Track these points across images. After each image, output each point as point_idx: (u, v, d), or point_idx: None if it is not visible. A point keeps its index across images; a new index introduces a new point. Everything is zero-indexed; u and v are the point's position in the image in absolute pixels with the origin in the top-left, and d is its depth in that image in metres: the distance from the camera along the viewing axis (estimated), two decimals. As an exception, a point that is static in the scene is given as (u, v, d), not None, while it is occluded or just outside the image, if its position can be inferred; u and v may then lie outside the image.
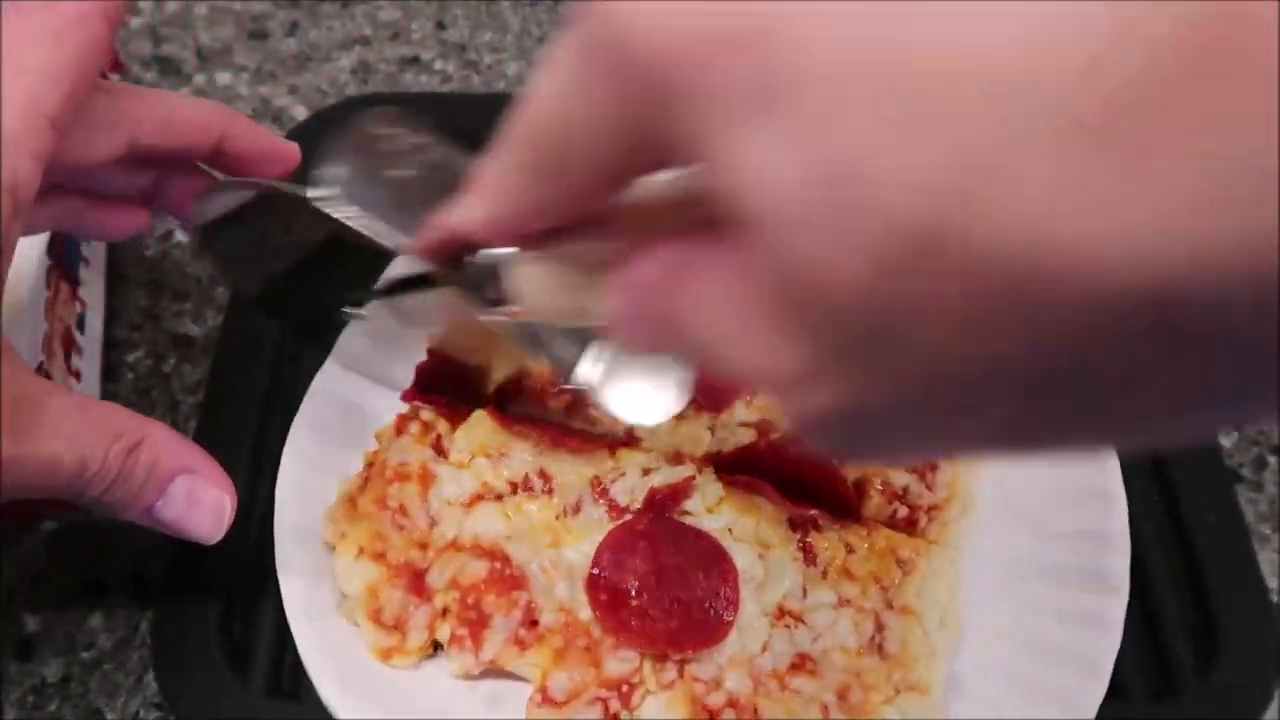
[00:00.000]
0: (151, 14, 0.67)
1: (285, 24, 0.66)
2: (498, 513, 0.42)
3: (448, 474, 0.43)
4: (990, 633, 0.41)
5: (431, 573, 0.41)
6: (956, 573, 0.42)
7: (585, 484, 0.43)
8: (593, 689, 0.39)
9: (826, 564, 0.42)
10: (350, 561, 0.41)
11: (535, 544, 0.41)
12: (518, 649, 0.39)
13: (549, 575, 0.41)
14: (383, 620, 0.40)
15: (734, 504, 0.42)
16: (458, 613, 0.40)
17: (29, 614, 0.46)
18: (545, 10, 0.67)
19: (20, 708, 0.43)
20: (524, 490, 0.42)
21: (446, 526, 0.42)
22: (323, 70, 0.64)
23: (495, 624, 0.39)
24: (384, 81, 0.63)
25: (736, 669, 0.39)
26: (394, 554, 0.41)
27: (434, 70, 0.64)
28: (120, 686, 0.44)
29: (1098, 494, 0.43)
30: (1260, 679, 0.40)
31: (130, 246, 0.57)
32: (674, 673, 0.39)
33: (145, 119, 0.36)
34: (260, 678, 0.41)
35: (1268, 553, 0.46)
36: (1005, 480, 0.44)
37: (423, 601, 0.40)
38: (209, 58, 0.64)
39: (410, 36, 0.66)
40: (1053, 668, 0.39)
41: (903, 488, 0.43)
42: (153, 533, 0.36)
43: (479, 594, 0.40)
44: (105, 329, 0.53)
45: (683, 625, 0.39)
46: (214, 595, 0.42)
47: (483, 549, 0.41)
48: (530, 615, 0.40)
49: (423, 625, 0.40)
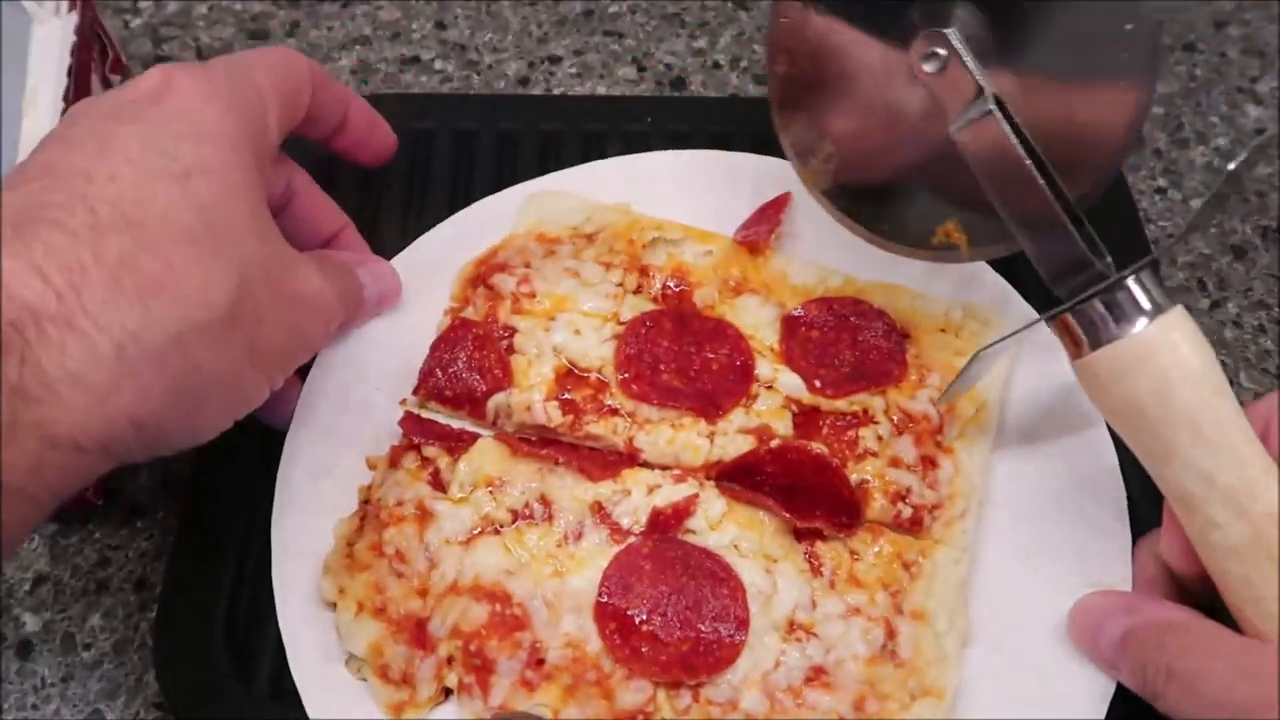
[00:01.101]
0: (152, 14, 0.66)
1: (285, 24, 0.66)
2: (498, 546, 0.41)
3: (446, 511, 0.42)
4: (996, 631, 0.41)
5: (433, 621, 0.40)
6: (962, 572, 0.42)
7: (586, 509, 0.42)
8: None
9: (833, 573, 0.41)
10: (351, 621, 0.40)
11: (537, 575, 0.41)
12: (526, 690, 0.39)
13: (554, 609, 0.40)
14: (390, 676, 0.39)
15: (737, 519, 0.42)
16: (462, 661, 0.39)
17: (29, 614, 0.46)
18: (545, 10, 0.67)
19: (20, 708, 0.43)
20: (524, 519, 0.42)
21: (446, 567, 0.41)
22: (323, 70, 0.64)
23: (500, 668, 0.39)
24: (384, 81, 0.63)
25: (751, 689, 0.39)
26: (394, 607, 0.40)
27: (434, 70, 0.64)
28: (120, 686, 0.44)
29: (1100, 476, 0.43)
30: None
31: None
32: (689, 698, 0.39)
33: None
34: (261, 678, 0.41)
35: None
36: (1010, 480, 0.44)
37: (427, 653, 0.39)
38: (209, 58, 0.64)
39: (410, 36, 0.66)
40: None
41: (905, 488, 0.43)
42: (153, 533, 0.37)
43: (481, 640, 0.39)
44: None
45: (695, 649, 0.39)
46: (215, 595, 0.42)
47: (483, 590, 0.40)
48: (536, 655, 0.39)
49: (430, 677, 0.39)
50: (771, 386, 0.45)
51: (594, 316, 0.47)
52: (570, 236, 0.50)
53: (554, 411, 0.44)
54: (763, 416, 0.45)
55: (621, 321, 0.47)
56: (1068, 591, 0.40)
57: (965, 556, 0.42)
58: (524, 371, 0.46)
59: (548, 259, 0.49)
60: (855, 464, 0.44)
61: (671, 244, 0.50)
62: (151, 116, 0.35)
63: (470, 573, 0.41)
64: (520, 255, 0.49)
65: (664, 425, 0.44)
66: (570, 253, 0.49)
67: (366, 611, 0.40)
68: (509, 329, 0.47)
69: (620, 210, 0.50)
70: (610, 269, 0.49)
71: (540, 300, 0.48)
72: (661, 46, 0.65)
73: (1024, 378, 0.46)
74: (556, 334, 0.46)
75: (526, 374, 0.45)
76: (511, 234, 0.50)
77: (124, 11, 0.66)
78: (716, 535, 0.42)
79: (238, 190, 0.35)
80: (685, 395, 0.45)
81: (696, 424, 0.44)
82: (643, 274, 0.49)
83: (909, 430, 0.44)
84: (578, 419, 0.44)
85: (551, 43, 0.65)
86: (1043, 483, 0.44)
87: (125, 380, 0.31)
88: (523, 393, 0.45)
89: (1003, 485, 0.44)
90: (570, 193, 0.51)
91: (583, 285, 0.48)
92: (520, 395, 0.45)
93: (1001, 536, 0.43)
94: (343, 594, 0.41)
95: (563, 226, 0.50)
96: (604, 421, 0.44)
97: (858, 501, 0.42)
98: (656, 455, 0.44)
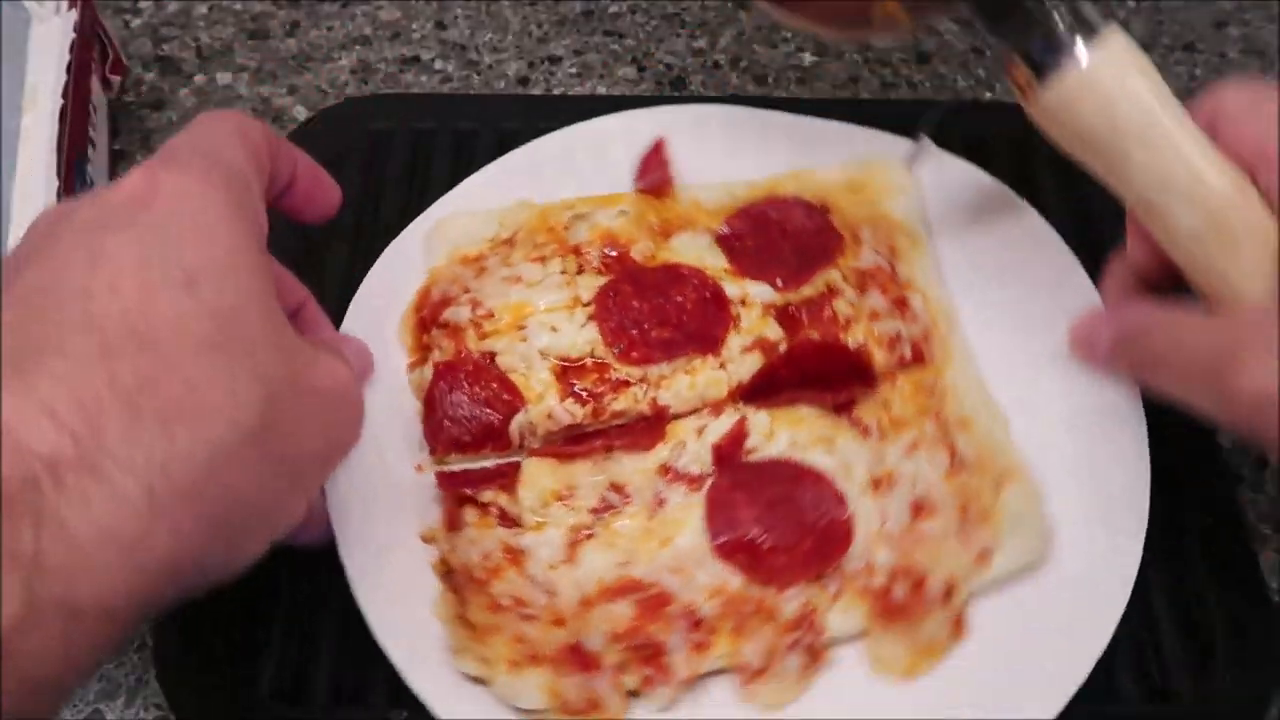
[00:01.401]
0: (151, 14, 0.66)
1: (285, 24, 0.66)
2: (599, 547, 0.41)
3: (533, 541, 0.41)
4: None
5: (588, 641, 0.39)
6: (976, 370, 0.47)
7: (655, 476, 0.43)
8: (782, 639, 0.40)
9: (879, 427, 0.45)
10: (513, 682, 0.38)
11: (649, 553, 0.41)
12: (700, 652, 0.39)
13: (681, 572, 0.41)
14: (576, 709, 0.38)
15: (783, 422, 0.45)
16: (632, 659, 0.39)
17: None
18: (545, 10, 0.67)
19: (20, 708, 0.43)
20: (606, 511, 0.42)
21: (565, 589, 0.40)
22: (323, 70, 0.64)
23: (670, 646, 0.39)
24: (384, 81, 0.63)
25: (878, 547, 0.42)
26: (543, 647, 0.39)
27: (434, 70, 0.64)
28: (120, 686, 0.44)
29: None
30: (1259, 682, 0.40)
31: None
32: (836, 582, 0.41)
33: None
34: (264, 678, 0.40)
35: (1268, 553, 0.46)
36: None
37: (598, 671, 0.39)
38: (209, 58, 0.64)
39: (410, 36, 0.66)
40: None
41: (894, 333, 0.47)
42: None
43: (638, 632, 0.39)
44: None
45: (818, 539, 0.41)
46: (217, 594, 0.42)
47: (611, 589, 0.40)
48: (693, 619, 0.40)
49: (612, 689, 0.39)
50: (745, 302, 0.48)
51: (559, 310, 0.47)
52: (491, 249, 0.49)
53: (574, 408, 0.44)
54: (753, 330, 0.47)
55: (586, 303, 0.47)
56: (1051, 332, 0.46)
57: (970, 359, 0.47)
58: (525, 386, 0.45)
59: (481, 277, 0.48)
60: (846, 333, 0.47)
61: (587, 217, 0.50)
62: (143, 221, 0.32)
63: (590, 582, 0.40)
64: (454, 284, 0.48)
65: (677, 375, 0.46)
66: (500, 262, 0.49)
67: (522, 667, 0.39)
68: (488, 354, 0.46)
69: (525, 206, 0.50)
70: (547, 262, 0.48)
71: (499, 316, 0.46)
72: (661, 46, 0.65)
73: (937, 202, 0.52)
74: (536, 339, 0.46)
75: (529, 386, 0.45)
76: (432, 270, 0.49)
77: (124, 11, 0.66)
78: (773, 444, 0.44)
79: (248, 290, 0.32)
80: (681, 341, 0.46)
81: (705, 361, 0.46)
82: (577, 254, 0.49)
83: (871, 285, 0.48)
84: (598, 405, 0.45)
85: (551, 43, 0.65)
86: (998, 272, 0.50)
87: (157, 523, 0.28)
88: (536, 405, 0.44)
89: (962, 297, 0.50)
90: (470, 210, 0.50)
91: (530, 287, 0.47)
92: (536, 408, 0.44)
93: (983, 336, 0.48)
94: (488, 664, 0.39)
95: (479, 242, 0.49)
96: (622, 397, 0.45)
97: (865, 362, 0.46)
98: (683, 404, 0.45)
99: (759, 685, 0.40)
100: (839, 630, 0.41)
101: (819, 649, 0.40)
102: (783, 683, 0.40)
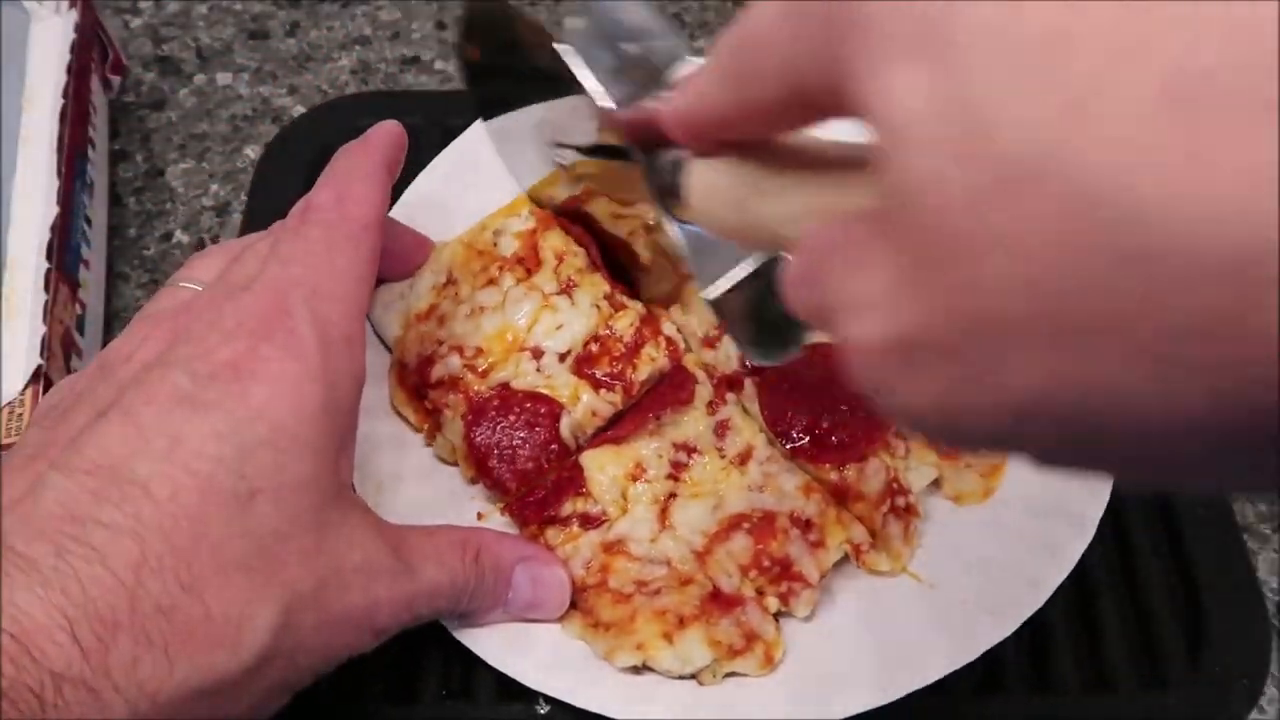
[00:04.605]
0: (152, 14, 0.67)
1: (285, 24, 0.66)
2: (686, 503, 0.42)
3: (625, 527, 0.42)
4: None
5: (721, 583, 0.41)
6: None
7: (706, 416, 0.44)
8: (878, 510, 0.42)
9: None
10: (674, 651, 0.39)
11: (734, 485, 0.43)
12: (821, 550, 0.41)
13: (770, 486, 0.43)
14: (739, 649, 0.40)
15: None
16: (768, 584, 0.41)
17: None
18: (545, 10, 0.67)
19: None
20: (680, 469, 0.43)
21: (678, 550, 0.42)
22: (323, 70, 0.64)
23: (793, 557, 0.41)
24: (384, 81, 0.63)
25: None
26: (683, 608, 0.41)
27: (434, 70, 0.64)
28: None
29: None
30: (1250, 674, 0.41)
31: (130, 246, 0.57)
32: (900, 445, 0.44)
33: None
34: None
35: (1268, 553, 0.46)
36: None
37: (743, 607, 0.41)
38: (209, 58, 0.64)
39: (410, 36, 0.66)
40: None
41: None
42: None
43: (764, 553, 0.41)
44: (105, 331, 0.53)
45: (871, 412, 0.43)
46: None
47: (723, 530, 0.42)
48: (807, 530, 0.42)
49: (761, 617, 0.40)
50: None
51: (542, 311, 0.46)
52: (437, 297, 0.47)
53: (609, 395, 0.45)
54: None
55: (565, 292, 0.47)
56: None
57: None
58: (554, 391, 0.44)
59: (447, 325, 0.47)
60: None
61: (504, 231, 0.49)
62: (229, 407, 0.31)
63: (696, 534, 0.42)
64: (425, 343, 0.46)
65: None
66: (452, 305, 0.47)
67: (673, 634, 0.39)
68: (503, 386, 0.45)
69: (444, 245, 0.48)
70: (496, 284, 0.47)
71: (489, 350, 0.46)
72: (661, 46, 0.65)
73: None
74: (549, 344, 0.45)
75: (557, 391, 0.44)
76: (395, 339, 0.47)
77: (124, 11, 0.66)
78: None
79: (304, 510, 0.32)
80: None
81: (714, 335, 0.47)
82: (520, 264, 0.48)
83: None
84: (626, 383, 0.45)
85: (551, 42, 0.65)
86: None
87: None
88: (574, 407, 0.44)
89: None
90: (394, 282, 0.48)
91: (498, 312, 0.46)
92: (577, 410, 0.44)
93: None
94: (643, 648, 0.39)
95: (421, 297, 0.47)
96: (644, 364, 0.45)
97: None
98: (691, 332, 0.46)
99: (872, 554, 0.42)
100: (918, 485, 0.43)
101: (912, 507, 0.43)
102: (892, 548, 0.42)
